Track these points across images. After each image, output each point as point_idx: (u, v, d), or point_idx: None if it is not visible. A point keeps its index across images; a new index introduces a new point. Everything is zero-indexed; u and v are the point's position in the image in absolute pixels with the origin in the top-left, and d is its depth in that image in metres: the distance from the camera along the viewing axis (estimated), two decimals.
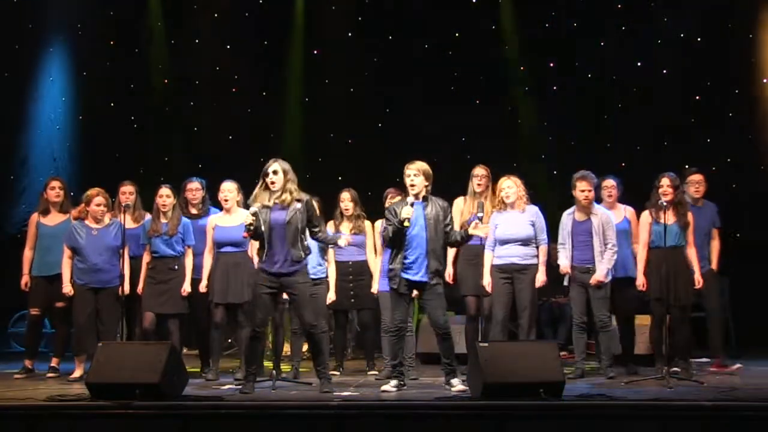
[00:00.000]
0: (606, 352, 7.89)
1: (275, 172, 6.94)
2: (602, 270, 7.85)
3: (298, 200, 6.96)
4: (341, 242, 7.38)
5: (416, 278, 7.11)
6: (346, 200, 8.54)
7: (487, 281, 7.91)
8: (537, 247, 7.95)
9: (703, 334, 8.72)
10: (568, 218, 8.06)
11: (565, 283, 8.06)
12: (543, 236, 8.00)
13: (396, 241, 7.13)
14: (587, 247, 7.92)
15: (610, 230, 7.93)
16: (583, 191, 7.94)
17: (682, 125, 11.17)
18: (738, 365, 8.28)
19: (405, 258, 7.10)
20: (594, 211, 7.97)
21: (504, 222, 7.92)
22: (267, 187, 6.97)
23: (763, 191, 10.68)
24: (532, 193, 8.16)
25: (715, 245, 8.48)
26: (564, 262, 7.99)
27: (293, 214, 6.92)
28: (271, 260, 6.93)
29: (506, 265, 7.87)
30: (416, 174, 7.14)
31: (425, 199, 7.16)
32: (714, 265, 8.44)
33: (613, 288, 8.03)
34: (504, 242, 7.90)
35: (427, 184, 7.17)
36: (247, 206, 7.25)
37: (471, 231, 7.19)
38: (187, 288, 8.04)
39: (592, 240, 7.90)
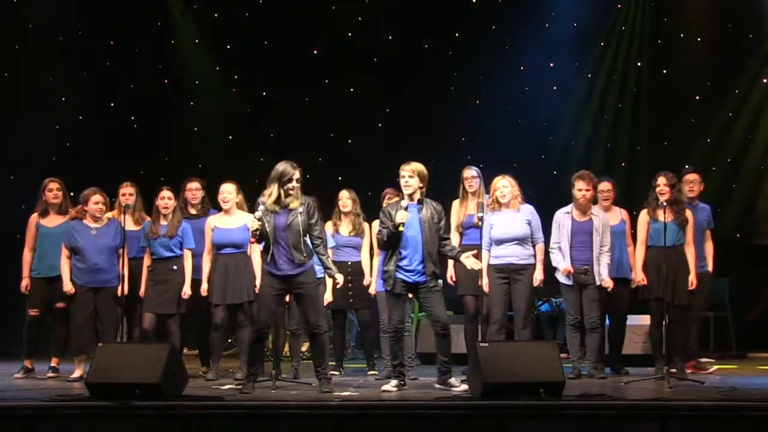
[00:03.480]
0: (594, 353, 7.86)
1: (298, 180, 6.90)
2: (604, 273, 7.83)
3: (302, 203, 6.95)
4: (338, 279, 7.18)
5: (412, 280, 7.12)
6: (345, 198, 8.53)
7: (485, 281, 7.89)
8: (534, 246, 7.94)
9: (706, 333, 8.73)
10: (565, 217, 7.98)
11: (562, 280, 7.96)
12: (539, 235, 7.96)
13: (390, 243, 7.12)
14: (586, 248, 7.87)
15: (608, 232, 7.93)
16: (580, 190, 7.91)
17: (682, 125, 11.18)
18: (714, 368, 8.27)
19: (400, 260, 7.09)
20: (594, 211, 7.96)
21: (499, 222, 7.88)
22: (284, 191, 6.90)
23: (763, 191, 10.70)
24: (529, 193, 8.13)
25: (708, 247, 8.45)
26: (562, 264, 7.91)
27: (294, 217, 6.90)
28: (275, 263, 6.91)
29: (504, 265, 7.84)
30: (411, 175, 7.12)
31: (420, 201, 7.15)
32: (710, 267, 8.41)
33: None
34: (500, 242, 7.86)
35: (421, 185, 7.15)
36: (252, 206, 7.20)
37: (462, 260, 7.18)
38: (187, 291, 8.04)
39: (592, 240, 7.87)
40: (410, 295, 7.31)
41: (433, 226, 7.12)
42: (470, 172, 8.21)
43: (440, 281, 7.41)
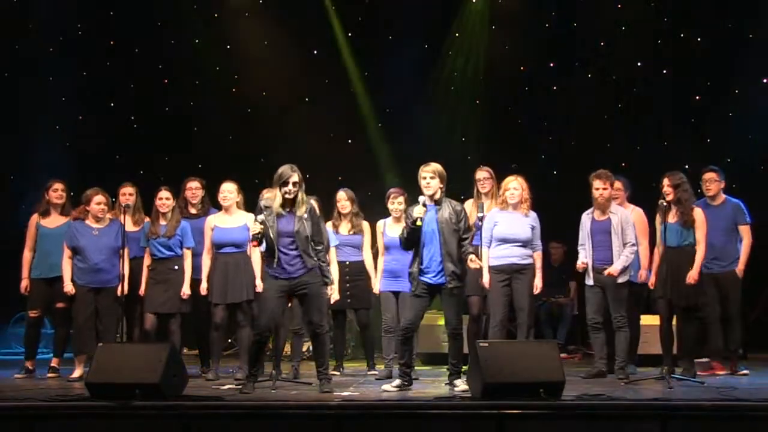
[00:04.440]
0: (621, 352, 7.78)
1: (295, 184, 6.89)
2: (617, 264, 7.74)
3: (307, 209, 6.94)
4: (328, 290, 7.25)
5: (433, 281, 7.10)
6: (342, 199, 8.53)
7: (485, 278, 7.87)
8: (533, 251, 7.93)
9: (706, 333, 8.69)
10: (587, 218, 7.95)
11: (587, 281, 7.90)
12: (538, 242, 7.96)
13: (411, 242, 7.12)
14: (605, 247, 7.80)
15: (629, 229, 7.83)
16: (598, 189, 7.84)
17: (682, 125, 11.17)
18: (745, 371, 8.25)
19: (422, 261, 7.09)
20: (613, 209, 7.90)
21: (504, 221, 7.88)
22: (282, 194, 6.89)
23: (764, 191, 10.68)
24: (534, 195, 8.11)
25: (744, 244, 8.27)
26: (582, 259, 7.88)
27: (301, 223, 6.89)
28: (282, 268, 6.90)
29: (505, 266, 7.83)
30: (432, 176, 7.12)
31: (438, 201, 7.14)
32: (739, 266, 8.25)
33: None
34: (502, 241, 7.85)
35: (441, 186, 7.14)
36: (249, 208, 7.20)
37: (467, 259, 7.16)
38: (186, 290, 8.04)
39: (611, 239, 7.80)
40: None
41: (451, 226, 7.08)
42: (482, 174, 8.23)
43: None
